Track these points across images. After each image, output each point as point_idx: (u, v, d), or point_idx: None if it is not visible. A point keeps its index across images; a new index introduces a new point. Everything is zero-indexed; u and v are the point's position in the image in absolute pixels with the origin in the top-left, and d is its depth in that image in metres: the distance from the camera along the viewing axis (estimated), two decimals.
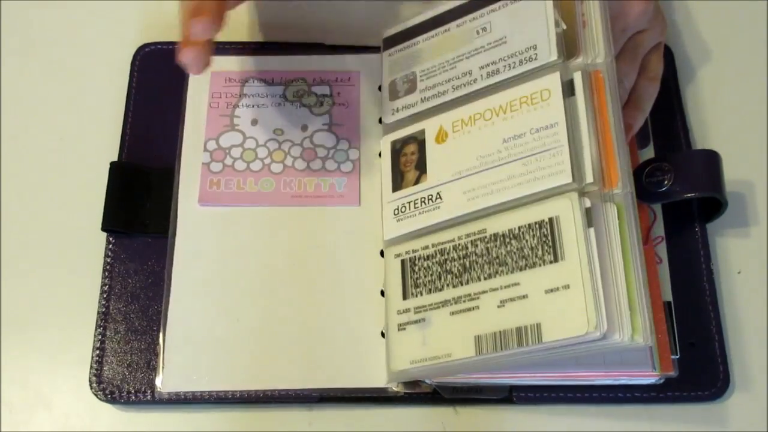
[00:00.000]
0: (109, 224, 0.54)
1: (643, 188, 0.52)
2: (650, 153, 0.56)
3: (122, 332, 0.52)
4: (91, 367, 0.51)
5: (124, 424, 0.51)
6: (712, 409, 0.51)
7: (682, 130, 0.58)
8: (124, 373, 0.51)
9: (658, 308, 0.50)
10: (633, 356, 0.48)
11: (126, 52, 0.60)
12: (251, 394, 0.50)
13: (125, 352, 0.52)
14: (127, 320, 0.52)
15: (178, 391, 0.50)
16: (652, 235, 0.53)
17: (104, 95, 0.60)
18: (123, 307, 0.53)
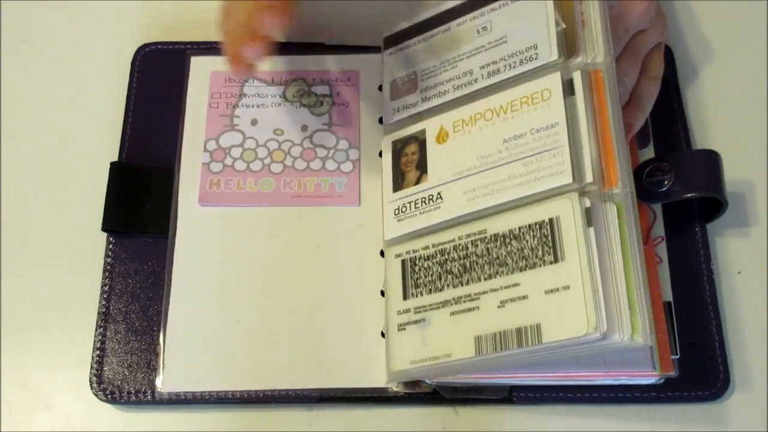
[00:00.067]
0: (110, 224, 0.54)
1: (643, 188, 0.52)
2: (650, 153, 0.56)
3: (122, 332, 0.52)
4: (92, 367, 0.51)
5: (124, 424, 0.51)
6: (712, 409, 0.51)
7: (682, 130, 0.58)
8: (125, 374, 0.51)
9: (658, 308, 0.50)
10: (633, 356, 0.48)
11: (126, 52, 0.60)
12: (251, 394, 0.50)
13: (125, 353, 0.52)
14: (127, 320, 0.52)
15: (178, 392, 0.50)
16: (652, 235, 0.53)
17: (104, 95, 0.60)
18: (123, 307, 0.53)
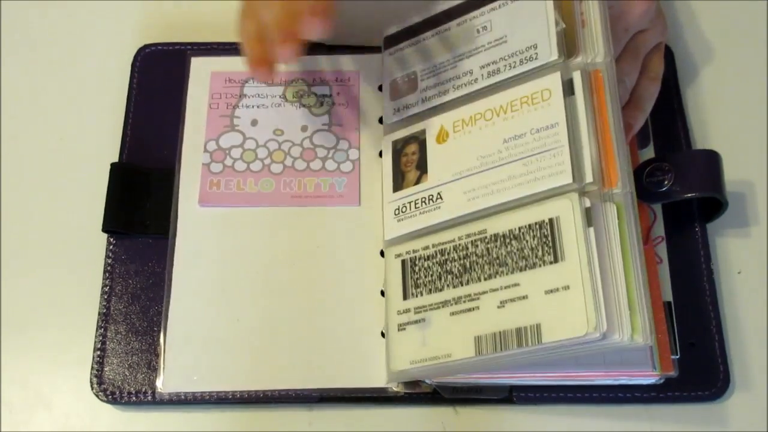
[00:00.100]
0: (110, 225, 0.54)
1: (643, 188, 0.52)
2: (650, 153, 0.56)
3: (123, 333, 0.52)
4: (92, 367, 0.51)
5: (125, 425, 0.51)
6: (712, 409, 0.51)
7: (682, 130, 0.58)
8: (125, 374, 0.51)
9: (658, 308, 0.50)
10: (633, 356, 0.48)
11: (126, 53, 0.60)
12: (251, 395, 0.50)
13: (126, 353, 0.52)
14: (127, 321, 0.53)
15: (178, 392, 0.50)
16: (652, 235, 0.53)
17: (105, 96, 0.60)
18: (124, 307, 0.53)
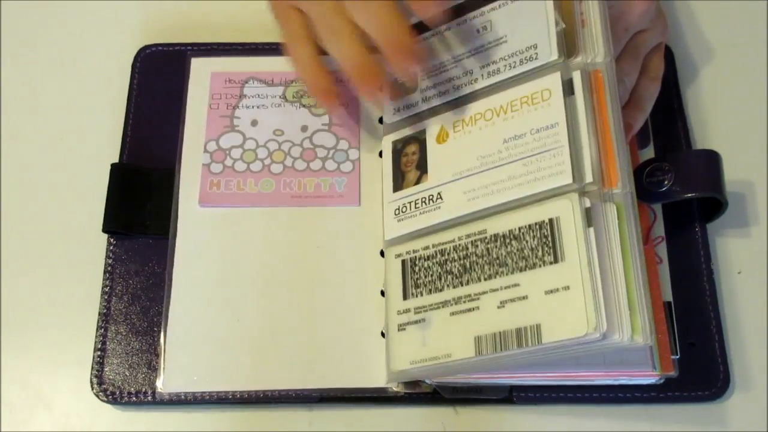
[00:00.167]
0: (110, 226, 0.54)
1: (643, 188, 0.52)
2: (650, 153, 0.56)
3: (123, 333, 0.52)
4: (92, 368, 0.51)
5: (125, 425, 0.51)
6: (712, 409, 0.51)
7: (683, 130, 0.58)
8: (125, 374, 0.51)
9: (658, 308, 0.50)
10: (633, 356, 0.48)
11: (127, 54, 0.60)
12: (252, 395, 0.50)
13: (126, 353, 0.52)
14: (128, 321, 0.53)
15: (178, 392, 0.50)
16: (652, 235, 0.53)
17: (105, 97, 0.60)
18: (124, 308, 0.53)
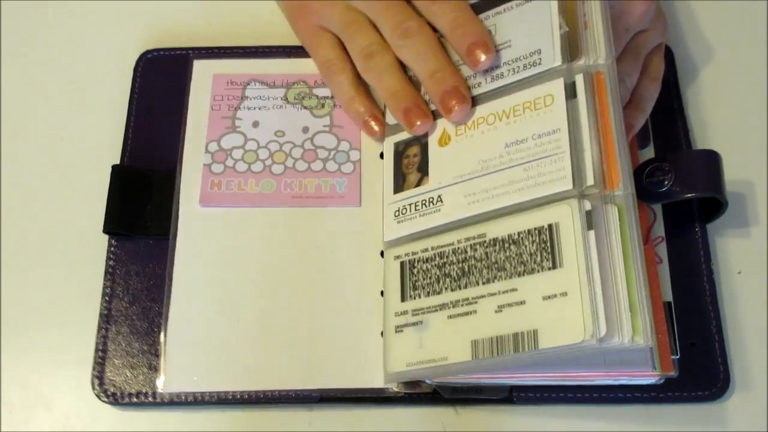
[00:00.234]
0: (111, 226, 0.54)
1: (643, 188, 0.52)
2: (650, 153, 0.56)
3: (124, 334, 0.52)
4: (93, 368, 0.51)
5: (125, 425, 0.51)
6: (712, 409, 0.51)
7: (683, 130, 0.58)
8: (126, 374, 0.51)
9: (659, 308, 0.50)
10: (633, 356, 0.48)
11: (129, 58, 0.60)
12: (252, 395, 0.50)
13: (127, 354, 0.52)
14: (128, 322, 0.53)
15: (179, 392, 0.50)
16: (652, 235, 0.53)
17: (107, 100, 0.60)
18: (124, 308, 0.53)
